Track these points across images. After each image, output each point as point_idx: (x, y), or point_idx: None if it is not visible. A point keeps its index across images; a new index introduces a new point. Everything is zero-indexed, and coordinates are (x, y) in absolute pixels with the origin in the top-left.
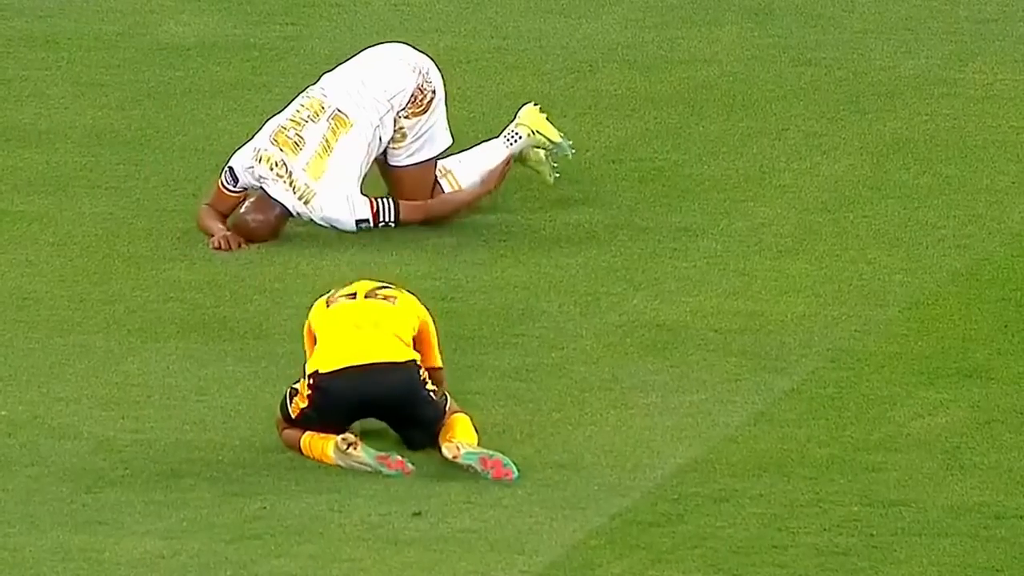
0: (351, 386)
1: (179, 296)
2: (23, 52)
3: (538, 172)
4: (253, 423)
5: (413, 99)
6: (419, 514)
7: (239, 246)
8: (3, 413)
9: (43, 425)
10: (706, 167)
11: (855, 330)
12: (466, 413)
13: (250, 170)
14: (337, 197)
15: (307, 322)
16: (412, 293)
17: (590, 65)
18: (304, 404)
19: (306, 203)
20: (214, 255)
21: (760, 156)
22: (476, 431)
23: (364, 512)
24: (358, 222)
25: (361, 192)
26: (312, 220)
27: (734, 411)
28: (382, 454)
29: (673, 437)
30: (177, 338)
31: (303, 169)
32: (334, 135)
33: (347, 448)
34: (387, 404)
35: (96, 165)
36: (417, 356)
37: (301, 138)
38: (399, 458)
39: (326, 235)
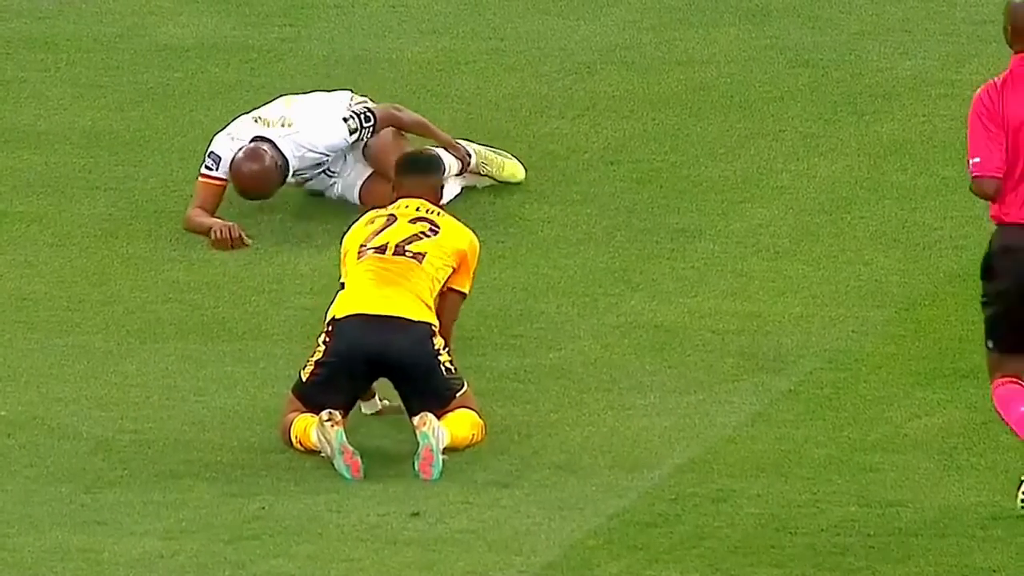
0: (365, 331)
1: (178, 297)
2: (22, 54)
3: (509, 177)
4: (252, 424)
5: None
6: (417, 514)
7: (239, 236)
8: (2, 413)
9: (42, 425)
10: (704, 168)
11: (852, 331)
12: (476, 413)
13: (241, 132)
14: (317, 117)
15: (343, 248)
16: (458, 219)
17: (588, 67)
18: (319, 355)
19: (295, 133)
20: (213, 256)
21: (757, 157)
22: (473, 439)
23: (362, 512)
24: (345, 120)
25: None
26: (304, 153)
27: (732, 412)
28: (349, 446)
29: (671, 437)
30: (176, 339)
31: (281, 114)
32: (294, 97)
33: (327, 420)
34: (399, 357)
35: (95, 166)
36: (434, 320)
37: (264, 118)
38: (359, 461)
39: (324, 236)
